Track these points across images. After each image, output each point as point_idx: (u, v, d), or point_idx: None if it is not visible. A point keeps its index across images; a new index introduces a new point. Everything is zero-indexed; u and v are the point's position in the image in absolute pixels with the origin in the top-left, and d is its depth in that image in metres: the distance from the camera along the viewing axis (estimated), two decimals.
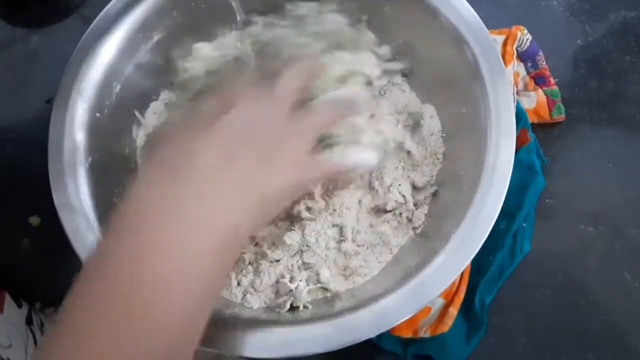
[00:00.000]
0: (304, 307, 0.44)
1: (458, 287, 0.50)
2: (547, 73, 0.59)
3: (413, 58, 0.52)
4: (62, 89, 0.46)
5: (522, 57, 0.59)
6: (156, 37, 0.50)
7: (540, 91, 0.58)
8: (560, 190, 0.55)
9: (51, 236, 0.44)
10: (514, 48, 0.57)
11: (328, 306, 0.44)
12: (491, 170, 0.43)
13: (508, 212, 0.52)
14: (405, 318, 0.39)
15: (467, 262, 0.41)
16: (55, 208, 0.43)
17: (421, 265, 0.41)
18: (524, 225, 0.53)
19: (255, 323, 0.41)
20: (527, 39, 0.58)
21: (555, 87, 0.58)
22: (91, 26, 0.48)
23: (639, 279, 0.52)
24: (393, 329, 0.49)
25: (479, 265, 0.51)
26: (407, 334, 0.49)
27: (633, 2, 0.64)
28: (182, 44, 0.51)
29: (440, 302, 0.50)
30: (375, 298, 0.41)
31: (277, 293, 0.45)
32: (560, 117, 0.57)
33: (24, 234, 0.55)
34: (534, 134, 0.56)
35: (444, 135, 0.51)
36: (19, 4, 0.65)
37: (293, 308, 0.45)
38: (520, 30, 0.58)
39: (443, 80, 0.50)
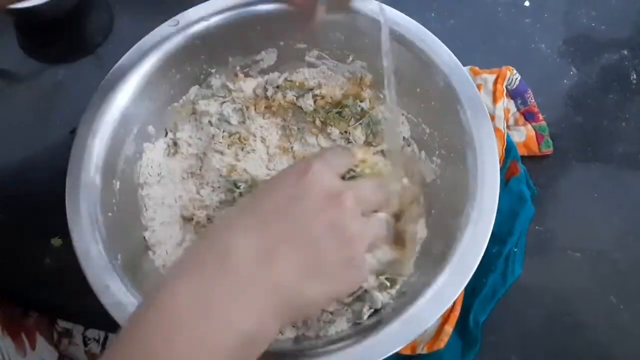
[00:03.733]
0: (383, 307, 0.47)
1: (453, 307, 0.53)
2: (536, 109, 0.63)
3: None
4: (69, 204, 0.48)
5: (512, 94, 0.63)
6: (135, 129, 0.54)
7: (529, 126, 0.62)
8: (548, 217, 0.59)
9: (72, 256, 0.47)
10: (504, 86, 0.62)
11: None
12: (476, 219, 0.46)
13: (500, 238, 0.56)
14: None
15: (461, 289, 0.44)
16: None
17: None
18: (515, 250, 0.56)
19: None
20: (517, 78, 0.63)
21: (544, 123, 0.63)
22: (78, 130, 0.50)
23: (624, 301, 0.56)
24: None
25: (473, 286, 0.55)
26: (405, 351, 0.52)
27: (615, 46, 0.69)
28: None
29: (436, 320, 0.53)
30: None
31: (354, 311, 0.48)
32: (548, 150, 0.62)
33: (46, 254, 0.58)
34: (524, 165, 0.60)
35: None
36: (45, 44, 0.70)
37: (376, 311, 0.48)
38: (509, 70, 0.62)
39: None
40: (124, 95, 0.52)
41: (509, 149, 0.59)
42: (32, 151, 0.63)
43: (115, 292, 0.44)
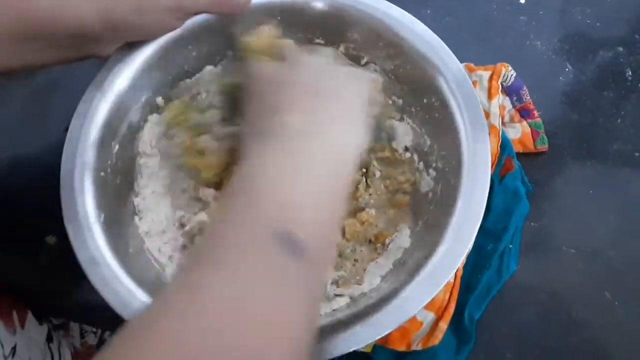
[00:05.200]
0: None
1: (448, 303, 0.53)
2: (531, 106, 0.63)
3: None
4: (65, 156, 0.48)
5: (508, 91, 0.63)
6: (143, 98, 0.53)
7: (524, 123, 0.62)
8: (544, 214, 0.59)
9: (66, 254, 0.46)
10: (499, 83, 0.62)
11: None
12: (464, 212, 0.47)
13: (495, 234, 0.56)
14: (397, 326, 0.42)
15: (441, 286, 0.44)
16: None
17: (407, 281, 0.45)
18: (510, 246, 0.57)
19: None
20: (512, 75, 0.63)
21: (539, 120, 0.63)
22: (88, 89, 0.50)
23: (619, 298, 0.56)
24: (387, 341, 0.52)
25: (468, 283, 0.55)
26: (400, 347, 0.52)
27: (610, 43, 0.69)
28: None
29: (431, 316, 0.53)
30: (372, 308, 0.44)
31: None
32: (543, 147, 0.62)
33: (41, 252, 0.58)
34: (519, 162, 0.60)
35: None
36: None
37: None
38: (504, 67, 0.62)
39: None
40: (137, 62, 0.51)
41: (504, 146, 0.59)
42: (27, 150, 0.63)
43: (92, 249, 0.44)
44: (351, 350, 0.41)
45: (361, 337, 0.42)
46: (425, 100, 0.54)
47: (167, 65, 0.54)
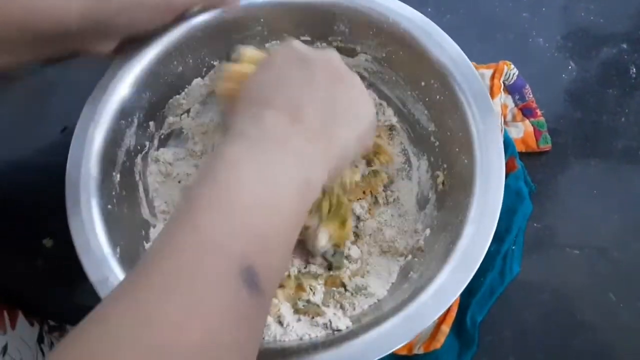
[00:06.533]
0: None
1: (450, 307, 0.52)
2: (534, 105, 0.62)
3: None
4: (68, 192, 0.47)
5: (510, 90, 0.63)
6: (136, 121, 0.53)
7: (527, 122, 0.62)
8: (547, 214, 0.58)
9: (63, 257, 0.46)
10: (501, 81, 0.61)
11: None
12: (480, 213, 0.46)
13: (497, 235, 0.54)
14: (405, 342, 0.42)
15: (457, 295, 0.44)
16: (68, 231, 0.45)
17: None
18: (513, 247, 0.56)
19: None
20: (514, 73, 0.62)
21: (542, 118, 0.62)
22: (79, 120, 0.49)
23: (623, 300, 0.55)
24: None
25: (471, 286, 0.53)
26: (402, 351, 0.51)
27: (614, 40, 0.68)
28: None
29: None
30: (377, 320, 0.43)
31: None
32: (546, 146, 0.61)
33: (38, 255, 0.58)
34: (522, 161, 0.59)
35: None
36: None
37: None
38: (506, 65, 0.62)
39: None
40: (124, 87, 0.51)
41: (506, 145, 0.58)
42: (23, 151, 0.62)
43: (115, 284, 0.43)
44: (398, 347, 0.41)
45: (402, 332, 0.41)
46: (423, 84, 0.53)
47: (154, 85, 0.53)
